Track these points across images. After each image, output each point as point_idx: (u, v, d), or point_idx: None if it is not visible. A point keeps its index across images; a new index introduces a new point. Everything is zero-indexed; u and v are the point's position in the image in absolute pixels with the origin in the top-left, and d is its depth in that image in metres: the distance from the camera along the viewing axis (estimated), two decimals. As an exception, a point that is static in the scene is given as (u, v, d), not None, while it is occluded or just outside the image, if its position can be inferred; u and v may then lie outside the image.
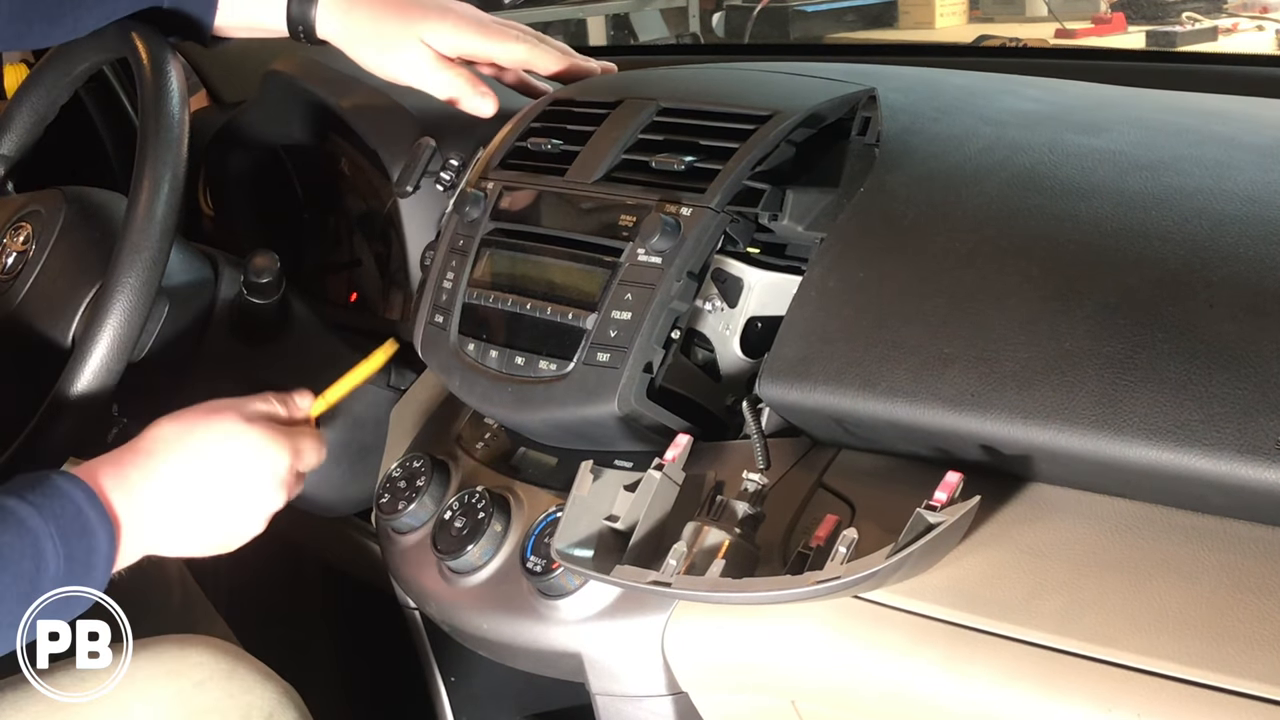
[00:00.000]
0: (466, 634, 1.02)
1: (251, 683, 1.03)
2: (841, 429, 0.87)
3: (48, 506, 0.82)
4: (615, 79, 1.17)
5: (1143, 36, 2.30)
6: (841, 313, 0.86)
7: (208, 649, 1.04)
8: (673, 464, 0.86)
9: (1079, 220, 0.85)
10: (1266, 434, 0.70)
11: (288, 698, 1.05)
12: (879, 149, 0.95)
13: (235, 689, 1.02)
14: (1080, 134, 0.95)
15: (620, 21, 3.17)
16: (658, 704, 0.93)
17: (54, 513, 0.82)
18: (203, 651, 1.03)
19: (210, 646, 1.04)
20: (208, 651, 1.03)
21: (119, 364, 0.98)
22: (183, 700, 0.99)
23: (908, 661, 0.80)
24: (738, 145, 0.94)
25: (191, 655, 1.02)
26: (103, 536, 0.84)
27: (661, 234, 0.91)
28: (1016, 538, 0.80)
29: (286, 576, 1.72)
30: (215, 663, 1.02)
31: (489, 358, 0.99)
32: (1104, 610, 0.75)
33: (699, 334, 0.97)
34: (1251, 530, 0.75)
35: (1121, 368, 0.75)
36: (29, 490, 0.83)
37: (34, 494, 0.82)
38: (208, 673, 1.01)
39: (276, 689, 1.05)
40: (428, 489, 1.05)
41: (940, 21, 2.88)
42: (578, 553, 0.85)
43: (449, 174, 1.11)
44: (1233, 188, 0.85)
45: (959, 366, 0.80)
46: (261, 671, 1.05)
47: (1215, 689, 0.70)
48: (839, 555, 0.76)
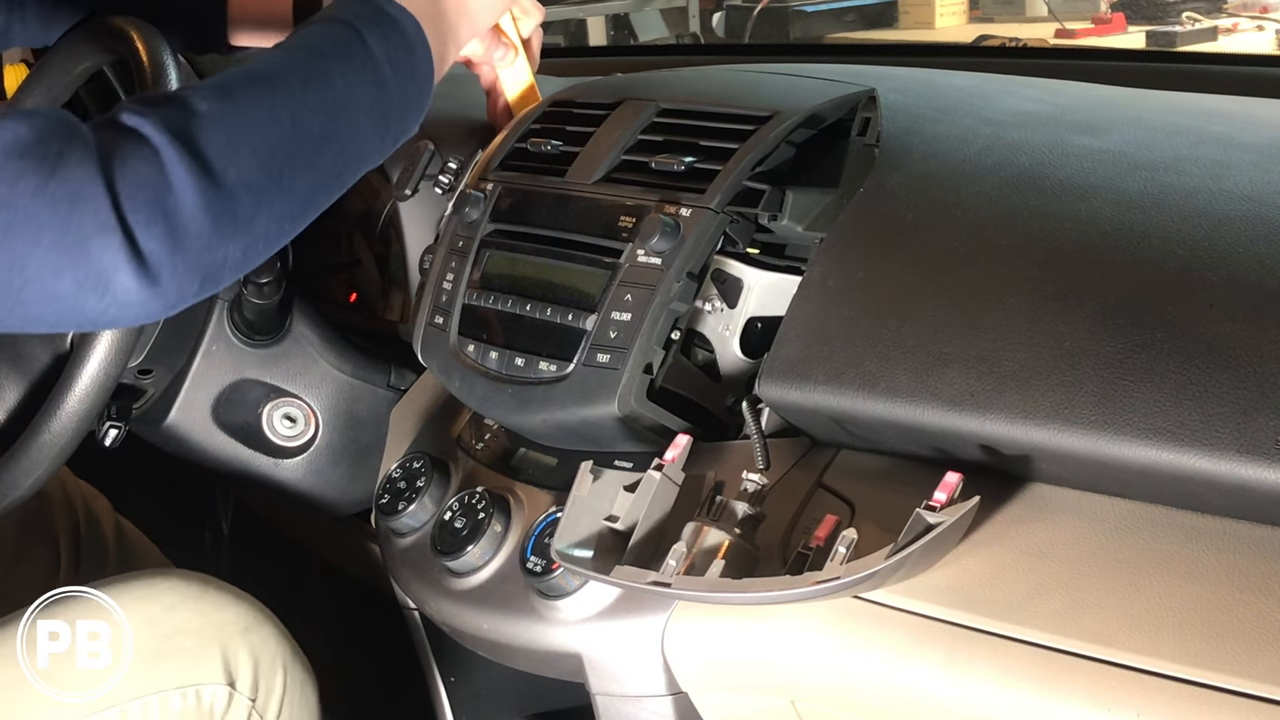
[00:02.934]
0: (466, 634, 1.02)
1: (223, 602, 1.03)
2: (841, 429, 0.87)
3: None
4: (615, 80, 1.17)
5: (1143, 36, 2.30)
6: (841, 313, 0.86)
7: (176, 576, 1.04)
8: (672, 464, 0.87)
9: (1079, 220, 0.85)
10: (1266, 434, 0.70)
11: (262, 614, 1.05)
12: (879, 149, 0.95)
13: (207, 608, 1.02)
14: (1080, 134, 0.95)
15: (620, 21, 3.17)
16: (658, 704, 0.93)
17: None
18: (171, 578, 1.04)
19: (179, 574, 1.05)
20: (176, 578, 1.04)
21: (118, 366, 0.98)
22: (154, 624, 0.99)
23: (907, 661, 0.80)
24: (737, 146, 0.94)
25: (160, 583, 1.03)
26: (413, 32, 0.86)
27: (661, 235, 0.91)
28: (1016, 538, 0.80)
29: (286, 577, 1.72)
30: (185, 587, 1.03)
31: (489, 359, 0.99)
32: (1104, 610, 0.75)
33: (699, 334, 0.97)
34: (1251, 530, 0.75)
35: (1121, 368, 0.75)
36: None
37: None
38: (178, 596, 1.02)
39: (250, 607, 1.04)
40: (428, 489, 1.05)
41: (940, 21, 2.88)
42: (578, 553, 0.85)
43: (447, 177, 1.11)
44: (1232, 188, 0.85)
45: (959, 366, 0.80)
46: (232, 592, 1.05)
47: (1215, 689, 0.70)
48: (839, 555, 0.76)
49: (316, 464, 1.24)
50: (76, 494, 1.31)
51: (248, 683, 1.01)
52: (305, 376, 1.23)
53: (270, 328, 1.21)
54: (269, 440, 1.23)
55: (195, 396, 1.20)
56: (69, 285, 0.68)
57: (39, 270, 0.68)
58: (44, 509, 1.28)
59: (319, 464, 1.24)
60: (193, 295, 0.74)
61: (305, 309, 1.25)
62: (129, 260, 0.69)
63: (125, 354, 0.99)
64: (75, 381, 0.98)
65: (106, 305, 0.70)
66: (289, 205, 0.78)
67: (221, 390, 1.21)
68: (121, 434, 1.13)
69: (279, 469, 1.24)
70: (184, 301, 0.73)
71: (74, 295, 0.69)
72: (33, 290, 0.68)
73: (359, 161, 0.83)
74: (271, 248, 0.78)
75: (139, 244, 0.69)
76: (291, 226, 0.79)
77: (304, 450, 1.24)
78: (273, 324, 1.21)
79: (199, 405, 1.21)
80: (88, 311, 0.70)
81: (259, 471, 1.24)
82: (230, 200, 0.73)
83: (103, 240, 0.68)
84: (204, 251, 0.72)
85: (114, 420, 1.12)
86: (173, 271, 0.71)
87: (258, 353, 1.22)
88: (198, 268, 0.72)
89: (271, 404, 1.23)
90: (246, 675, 1.01)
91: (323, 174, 0.80)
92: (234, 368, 1.21)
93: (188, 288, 0.72)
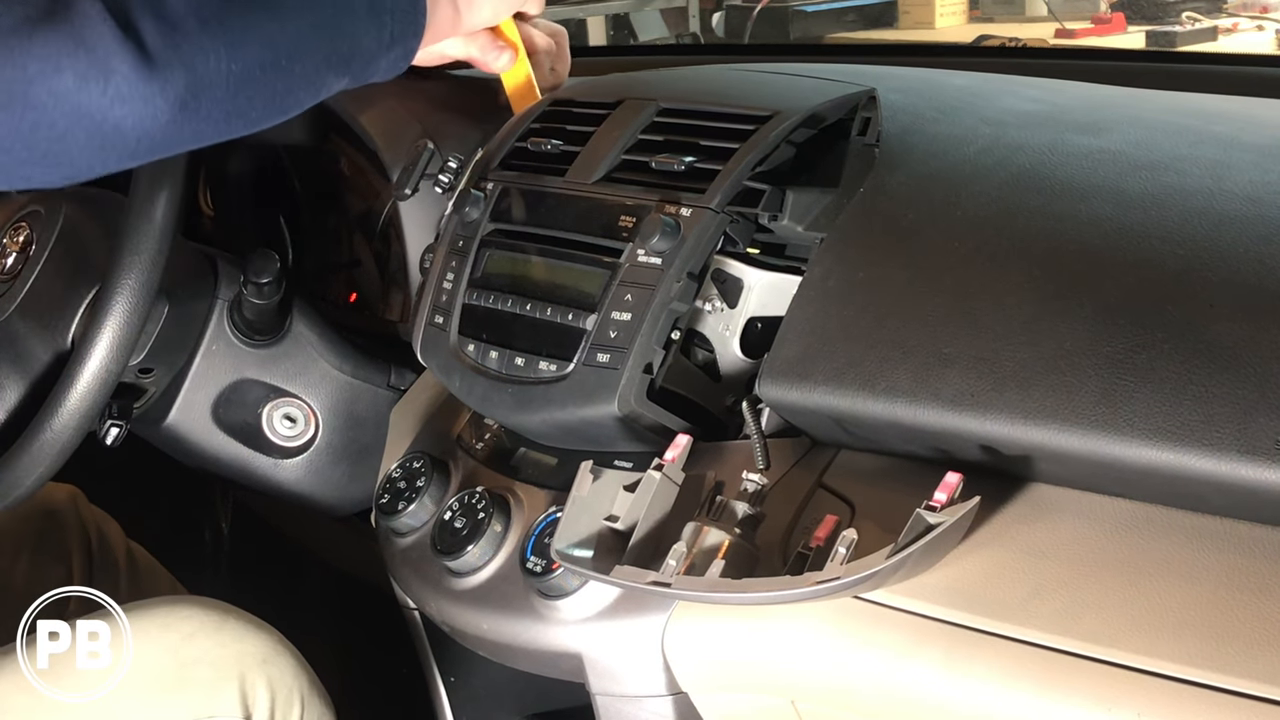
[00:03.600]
0: (466, 634, 1.02)
1: (242, 632, 1.03)
2: (841, 429, 0.87)
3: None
4: (615, 79, 1.17)
5: (1143, 36, 2.30)
6: (841, 313, 0.86)
7: (196, 604, 1.04)
8: (672, 464, 0.86)
9: (1079, 220, 0.85)
10: (1266, 434, 0.70)
11: (281, 645, 1.05)
12: (879, 149, 0.95)
13: (226, 639, 1.02)
14: (1080, 134, 0.95)
15: (620, 21, 3.18)
16: (658, 704, 0.93)
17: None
18: (191, 606, 1.03)
19: (199, 602, 1.05)
20: (196, 606, 1.04)
21: (119, 365, 0.98)
22: (173, 653, 0.99)
23: (907, 661, 0.80)
24: (738, 146, 0.94)
25: (180, 610, 1.03)
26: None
27: (661, 234, 0.91)
28: (1016, 538, 0.80)
29: (286, 577, 1.72)
30: (204, 615, 1.02)
31: (489, 359, 0.99)
32: (1104, 610, 0.75)
33: (699, 334, 0.97)
34: (1251, 530, 0.75)
35: (1121, 368, 0.75)
36: None
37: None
38: (197, 624, 1.01)
39: (269, 638, 1.04)
40: (428, 489, 1.05)
41: (940, 21, 2.88)
42: (577, 553, 0.85)
43: (447, 176, 1.11)
44: (1233, 188, 0.85)
45: (959, 366, 0.80)
46: (252, 622, 1.05)
47: (1215, 689, 0.70)
48: (839, 555, 0.76)
49: (316, 464, 1.24)
50: (90, 517, 1.32)
51: (264, 714, 1.01)
52: (305, 376, 1.23)
53: (270, 328, 1.21)
54: (269, 440, 1.23)
55: (195, 396, 1.20)
56: (71, 80, 0.71)
57: (40, 66, 0.70)
58: (58, 528, 1.28)
59: (319, 464, 1.24)
60: (193, 103, 0.75)
61: (305, 309, 1.25)
62: (123, 43, 0.71)
63: (126, 352, 0.99)
64: (76, 380, 0.98)
65: (110, 98, 0.71)
66: (279, 33, 0.79)
67: (221, 390, 1.21)
68: (123, 433, 1.13)
69: (279, 469, 1.24)
70: (186, 108, 0.74)
71: (77, 90, 0.71)
72: (37, 90, 0.70)
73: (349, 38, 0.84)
74: (270, 89, 0.80)
75: (134, 25, 0.72)
76: (287, 69, 0.80)
77: (304, 450, 1.24)
78: (273, 324, 1.21)
79: (199, 405, 1.21)
80: (93, 107, 0.72)
81: (259, 472, 1.24)
82: (218, 7, 0.76)
83: (96, 28, 0.71)
84: (196, 51, 0.74)
85: (115, 419, 1.11)
86: (168, 61, 0.73)
87: (258, 353, 1.22)
88: (191, 67, 0.74)
89: (271, 404, 1.22)
90: (263, 707, 1.01)
91: (315, 19, 0.82)
92: (234, 368, 1.21)
93: (187, 87, 0.74)
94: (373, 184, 1.37)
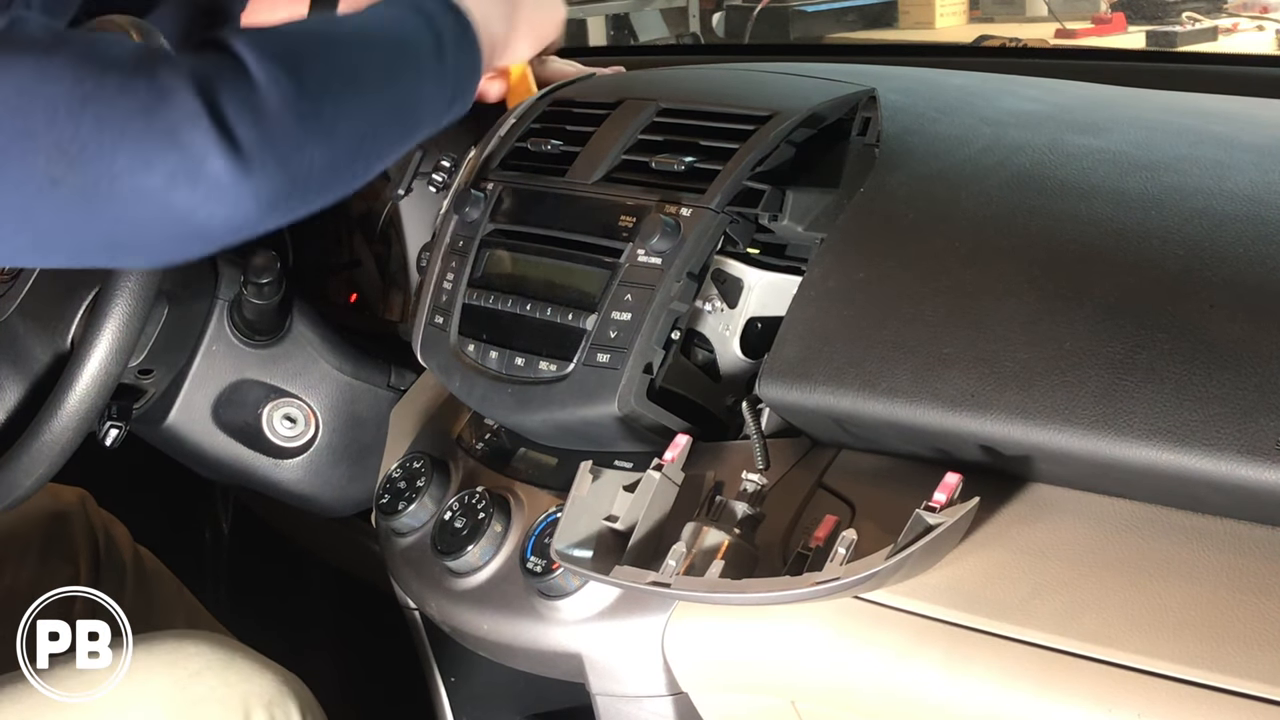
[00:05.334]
0: (466, 634, 1.02)
1: (249, 672, 1.03)
2: (841, 429, 0.87)
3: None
4: (615, 79, 1.17)
5: (1143, 36, 2.30)
6: (842, 313, 0.86)
7: (204, 641, 1.04)
8: (672, 464, 0.87)
9: (1079, 220, 0.85)
10: (1266, 434, 0.70)
11: (288, 685, 1.04)
12: (879, 149, 0.95)
13: (233, 678, 1.01)
14: (1080, 134, 0.95)
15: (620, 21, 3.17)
16: (658, 704, 0.93)
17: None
18: (199, 643, 1.03)
19: (206, 639, 1.04)
20: (204, 643, 1.03)
21: (118, 366, 0.98)
22: (180, 690, 0.99)
23: (907, 661, 0.80)
24: (738, 146, 0.94)
25: (188, 647, 1.02)
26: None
27: (661, 234, 0.91)
28: (1016, 538, 0.80)
29: (286, 577, 1.72)
30: (212, 653, 1.02)
31: (489, 359, 0.99)
32: (1104, 610, 0.75)
33: (699, 334, 0.97)
34: (1251, 530, 0.75)
35: (1121, 368, 0.75)
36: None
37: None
38: (204, 662, 1.01)
39: (276, 677, 1.04)
40: (428, 489, 1.05)
41: (940, 21, 2.89)
42: (577, 553, 0.85)
43: (441, 175, 1.11)
44: (1233, 188, 0.85)
45: (959, 367, 0.79)
46: (259, 661, 1.05)
47: (1215, 689, 0.70)
48: (838, 556, 0.76)
49: (316, 464, 1.24)
50: (98, 520, 1.32)
51: None
52: (305, 377, 1.23)
53: (270, 328, 1.21)
54: (269, 440, 1.23)
55: (195, 397, 1.20)
56: (160, 179, 0.68)
57: (129, 163, 0.68)
58: (66, 531, 1.28)
59: (319, 464, 1.24)
60: (284, 201, 0.73)
61: (305, 309, 1.25)
62: (219, 142, 0.69)
63: (126, 353, 0.99)
64: (76, 381, 0.98)
65: (200, 198, 0.69)
66: (365, 119, 0.79)
67: (222, 390, 1.21)
68: (122, 434, 1.13)
69: (279, 469, 1.24)
70: (276, 207, 0.73)
71: (166, 189, 0.68)
72: (123, 185, 0.68)
73: (420, 108, 0.85)
74: (351, 172, 0.79)
75: (229, 127, 0.69)
76: (368, 150, 0.80)
77: (304, 450, 1.24)
78: (273, 324, 1.21)
79: (199, 405, 1.21)
80: (179, 207, 0.69)
81: (259, 472, 1.24)
82: (313, 102, 0.74)
83: (192, 127, 0.68)
84: (292, 149, 0.72)
85: (115, 420, 1.11)
86: (263, 161, 0.71)
87: (258, 353, 1.22)
88: (286, 164, 0.72)
89: (271, 404, 1.22)
90: None
91: (393, 99, 0.82)
92: (234, 368, 1.21)
93: (279, 186, 0.72)
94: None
